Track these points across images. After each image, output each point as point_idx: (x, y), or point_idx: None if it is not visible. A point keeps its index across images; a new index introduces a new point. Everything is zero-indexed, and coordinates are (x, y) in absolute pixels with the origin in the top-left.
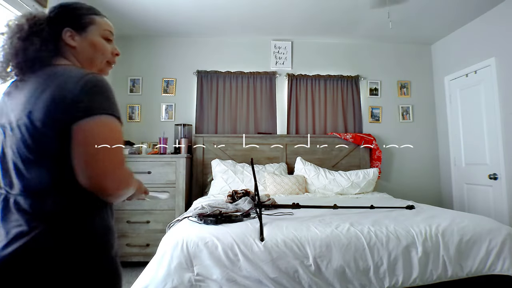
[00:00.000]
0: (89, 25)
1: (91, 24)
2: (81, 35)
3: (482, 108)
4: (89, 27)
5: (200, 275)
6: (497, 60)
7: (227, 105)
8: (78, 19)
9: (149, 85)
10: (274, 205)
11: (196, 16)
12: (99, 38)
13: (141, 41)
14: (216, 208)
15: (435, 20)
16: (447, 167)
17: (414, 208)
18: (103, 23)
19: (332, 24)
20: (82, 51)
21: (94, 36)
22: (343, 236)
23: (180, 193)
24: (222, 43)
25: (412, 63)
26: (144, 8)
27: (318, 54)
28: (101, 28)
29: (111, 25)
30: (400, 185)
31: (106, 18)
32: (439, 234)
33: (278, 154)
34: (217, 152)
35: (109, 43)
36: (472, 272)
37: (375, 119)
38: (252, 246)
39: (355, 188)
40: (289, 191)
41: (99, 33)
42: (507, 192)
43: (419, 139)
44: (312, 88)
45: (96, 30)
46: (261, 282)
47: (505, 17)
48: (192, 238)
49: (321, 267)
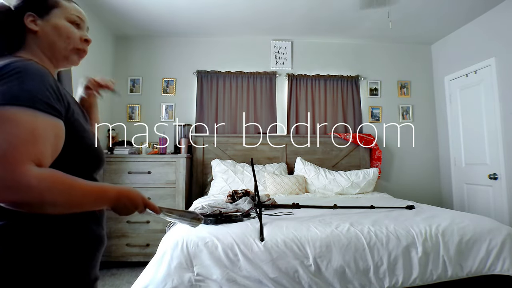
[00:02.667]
0: (53, 8)
1: (55, 7)
2: (44, 18)
3: (482, 108)
4: (52, 10)
5: (200, 275)
6: (497, 60)
7: (227, 105)
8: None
9: (149, 85)
10: (274, 205)
11: (196, 16)
12: (64, 21)
13: (141, 41)
14: (216, 208)
15: (435, 20)
16: (447, 167)
17: (414, 208)
18: (69, 7)
19: (332, 24)
20: (44, 36)
21: (58, 19)
22: (343, 236)
23: (180, 193)
24: (222, 43)
25: (412, 63)
26: (144, 8)
27: (318, 54)
28: (67, 12)
29: (79, 10)
30: (400, 185)
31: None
32: (439, 234)
33: (278, 154)
34: (217, 152)
35: (77, 29)
36: (472, 272)
37: (375, 119)
38: (252, 246)
39: (355, 188)
40: (289, 191)
41: (64, 16)
42: (507, 192)
43: (419, 139)
44: (312, 88)
45: (61, 13)
46: (261, 282)
47: (505, 17)
48: (192, 238)
49: (321, 267)
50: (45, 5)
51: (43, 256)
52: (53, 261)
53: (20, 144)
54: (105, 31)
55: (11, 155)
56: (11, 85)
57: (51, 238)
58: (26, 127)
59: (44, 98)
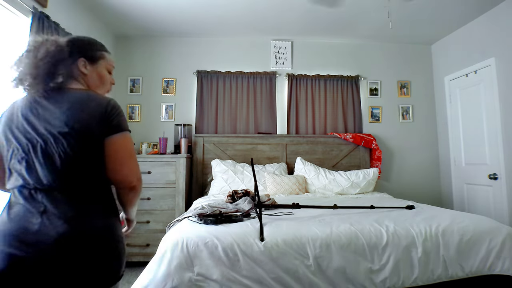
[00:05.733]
0: (100, 59)
1: (101, 59)
2: (92, 65)
3: (482, 108)
4: (99, 61)
5: (200, 275)
6: (497, 60)
7: (227, 105)
8: (92, 53)
9: (149, 85)
10: (274, 205)
11: (196, 16)
12: (105, 71)
13: (141, 41)
14: (216, 208)
15: (435, 20)
16: (447, 167)
17: (414, 208)
18: (109, 59)
19: (332, 24)
20: (90, 79)
21: (102, 69)
22: (343, 236)
23: (180, 193)
24: (222, 43)
25: (412, 63)
26: (144, 8)
27: (318, 54)
28: (108, 63)
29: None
30: (400, 185)
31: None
32: (439, 234)
33: (278, 154)
34: (217, 152)
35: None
36: (472, 272)
37: (375, 119)
38: (252, 246)
39: (355, 188)
40: (289, 191)
41: (105, 66)
42: (507, 192)
43: (419, 139)
44: (312, 88)
45: (104, 64)
46: (261, 282)
47: (505, 17)
48: (192, 238)
49: (321, 267)
50: (95, 56)
51: (118, 228)
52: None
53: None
54: (105, 31)
55: (137, 160)
56: (124, 117)
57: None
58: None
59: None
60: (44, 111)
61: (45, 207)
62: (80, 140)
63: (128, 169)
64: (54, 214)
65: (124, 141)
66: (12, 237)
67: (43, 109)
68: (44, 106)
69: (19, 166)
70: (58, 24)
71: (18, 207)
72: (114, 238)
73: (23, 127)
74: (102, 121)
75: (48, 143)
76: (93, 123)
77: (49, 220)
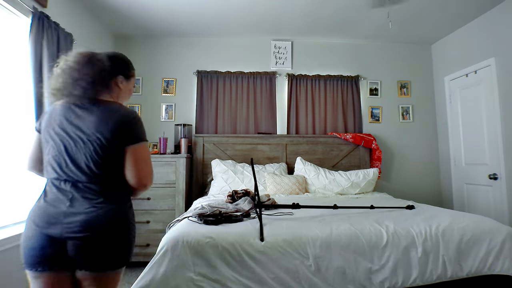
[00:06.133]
0: (131, 77)
1: (132, 77)
2: (126, 82)
3: (482, 108)
4: (131, 79)
5: (200, 275)
6: (497, 60)
7: (227, 105)
8: (127, 71)
9: (149, 85)
10: (274, 205)
11: (196, 16)
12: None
13: (141, 41)
14: (216, 208)
15: (435, 20)
16: (447, 167)
17: (414, 208)
18: (135, 76)
19: (332, 24)
20: (122, 93)
21: (131, 86)
22: (343, 236)
23: (180, 193)
24: (222, 43)
25: (412, 63)
26: (144, 8)
27: (318, 54)
28: (134, 80)
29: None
30: (400, 185)
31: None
32: (439, 234)
33: (278, 154)
34: (217, 152)
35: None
36: (472, 272)
37: (375, 119)
38: (252, 246)
39: (355, 188)
40: (289, 191)
41: (132, 83)
42: (507, 192)
43: (419, 139)
44: (312, 88)
45: (133, 81)
46: (261, 282)
47: (505, 17)
48: (192, 238)
49: (321, 267)
50: (129, 74)
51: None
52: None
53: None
54: (105, 31)
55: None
56: (143, 128)
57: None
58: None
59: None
60: (77, 119)
61: (72, 195)
62: (104, 146)
63: (144, 173)
64: (79, 201)
65: (142, 150)
66: (48, 217)
67: (76, 116)
68: (78, 115)
69: (53, 162)
70: (58, 24)
71: (52, 194)
72: (125, 224)
73: (59, 131)
74: (125, 132)
75: (78, 146)
76: (117, 133)
77: (75, 205)
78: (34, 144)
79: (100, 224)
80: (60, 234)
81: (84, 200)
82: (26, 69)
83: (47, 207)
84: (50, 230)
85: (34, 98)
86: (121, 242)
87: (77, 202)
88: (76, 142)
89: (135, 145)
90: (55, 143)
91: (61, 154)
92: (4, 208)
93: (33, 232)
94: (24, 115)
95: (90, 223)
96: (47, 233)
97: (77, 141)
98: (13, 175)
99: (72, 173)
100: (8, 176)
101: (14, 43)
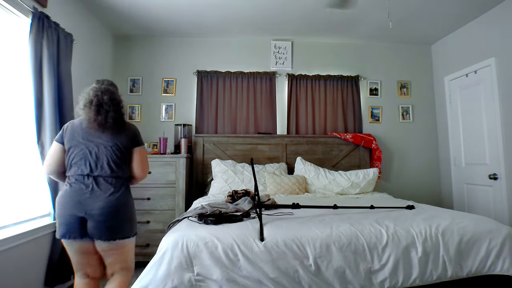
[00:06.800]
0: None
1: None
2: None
3: (482, 108)
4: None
5: (200, 275)
6: (497, 60)
7: (227, 105)
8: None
9: (149, 85)
10: (274, 205)
11: (196, 16)
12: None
13: (141, 41)
14: (216, 208)
15: (435, 20)
16: (447, 167)
17: (414, 208)
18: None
19: (332, 24)
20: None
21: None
22: (343, 236)
23: (180, 193)
24: (222, 43)
25: (412, 63)
26: (144, 8)
27: (318, 54)
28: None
29: None
30: (400, 185)
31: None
32: (439, 234)
33: (278, 154)
34: (217, 152)
35: None
36: (472, 272)
37: (375, 119)
38: (252, 246)
39: (355, 188)
40: (289, 191)
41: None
42: (507, 192)
43: (419, 139)
44: (312, 88)
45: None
46: (261, 282)
47: (505, 17)
48: (192, 238)
49: (321, 267)
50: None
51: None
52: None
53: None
54: (105, 31)
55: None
56: (141, 136)
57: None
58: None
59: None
60: (98, 132)
61: (93, 186)
62: (118, 150)
63: (143, 168)
64: (97, 190)
65: (142, 152)
66: (73, 202)
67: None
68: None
69: (79, 162)
70: (58, 24)
71: (76, 185)
72: (129, 205)
73: (84, 140)
74: (131, 140)
75: (99, 151)
76: (126, 140)
77: (95, 194)
78: (56, 152)
79: (112, 208)
80: (82, 214)
81: (100, 190)
82: (26, 69)
83: (73, 195)
84: (76, 212)
85: (34, 98)
86: (127, 219)
87: (96, 192)
88: (98, 148)
89: (137, 148)
90: (81, 149)
91: (87, 157)
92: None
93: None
94: (24, 115)
95: (105, 207)
96: (74, 213)
97: (99, 147)
98: (13, 175)
99: (96, 169)
100: (8, 176)
101: (14, 43)
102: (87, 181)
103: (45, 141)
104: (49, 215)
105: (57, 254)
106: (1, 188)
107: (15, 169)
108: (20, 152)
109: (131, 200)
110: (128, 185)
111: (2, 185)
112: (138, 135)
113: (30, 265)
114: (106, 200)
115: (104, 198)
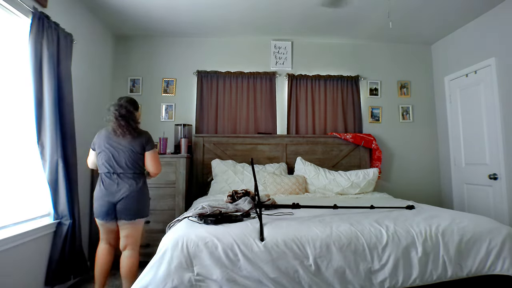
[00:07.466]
0: (138, 109)
1: (139, 107)
2: (138, 112)
3: (482, 108)
4: (139, 109)
5: (200, 275)
6: (497, 60)
7: (227, 105)
8: (137, 105)
9: (149, 85)
10: (274, 205)
11: (196, 16)
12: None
13: (141, 41)
14: (216, 208)
15: (435, 20)
16: (447, 167)
17: (414, 208)
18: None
19: (332, 24)
20: (138, 119)
21: (140, 112)
22: (343, 236)
23: (180, 193)
24: (222, 43)
25: (412, 63)
26: (144, 8)
27: (318, 54)
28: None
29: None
30: (400, 185)
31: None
32: (439, 234)
33: (278, 154)
34: (217, 152)
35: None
36: (472, 272)
37: (375, 119)
38: (252, 246)
39: (355, 188)
40: (289, 191)
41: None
42: (507, 192)
43: (419, 139)
44: (312, 88)
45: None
46: (261, 282)
47: (505, 17)
48: (192, 238)
49: (321, 267)
50: (138, 107)
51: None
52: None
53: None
54: (105, 31)
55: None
56: (153, 141)
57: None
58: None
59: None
60: (118, 138)
61: (118, 181)
62: (133, 153)
63: (155, 167)
64: (121, 184)
65: (152, 154)
66: (107, 193)
67: (120, 139)
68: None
69: (106, 163)
70: (58, 24)
71: (106, 181)
72: (146, 194)
73: (108, 146)
74: (143, 145)
75: (120, 153)
76: (141, 145)
77: (120, 187)
78: (93, 156)
79: (132, 194)
80: (114, 201)
81: (124, 183)
82: (26, 69)
83: (106, 188)
84: (109, 199)
85: (34, 98)
86: (142, 203)
87: (121, 184)
88: (119, 151)
89: (150, 151)
90: (105, 153)
91: (110, 159)
92: (4, 208)
93: (101, 201)
94: (24, 115)
95: (128, 194)
96: (108, 200)
97: (120, 150)
98: (13, 175)
99: (118, 168)
100: (8, 176)
101: (14, 43)
102: (113, 177)
103: (45, 141)
104: (49, 215)
105: (57, 254)
106: (1, 188)
107: (15, 169)
108: (20, 152)
109: (146, 190)
110: (145, 179)
111: (2, 185)
112: (148, 141)
113: (30, 265)
114: (129, 190)
115: (127, 189)
